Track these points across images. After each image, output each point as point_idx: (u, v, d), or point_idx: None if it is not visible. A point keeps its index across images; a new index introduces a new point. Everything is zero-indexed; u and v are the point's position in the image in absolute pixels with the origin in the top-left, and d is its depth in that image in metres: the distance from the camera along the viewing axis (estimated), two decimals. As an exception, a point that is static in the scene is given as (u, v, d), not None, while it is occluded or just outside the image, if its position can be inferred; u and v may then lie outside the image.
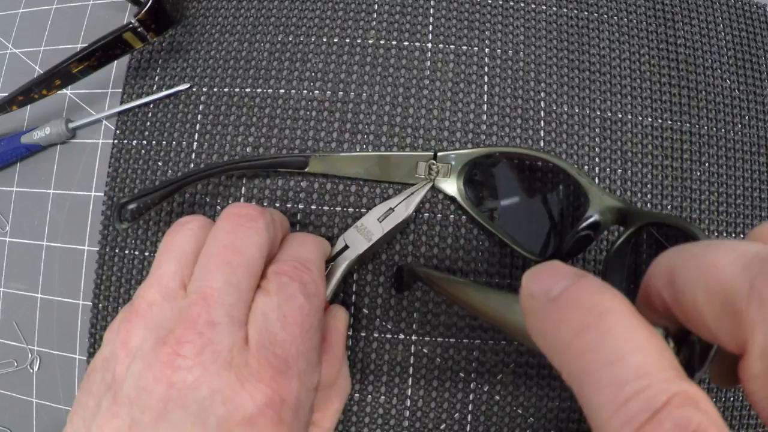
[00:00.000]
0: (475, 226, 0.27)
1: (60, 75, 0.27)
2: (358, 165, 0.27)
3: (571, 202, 0.26)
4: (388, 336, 0.26)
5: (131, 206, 0.25)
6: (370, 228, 0.25)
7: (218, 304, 0.18)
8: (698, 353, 0.13)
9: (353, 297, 0.27)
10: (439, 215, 0.27)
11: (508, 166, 0.27)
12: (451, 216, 0.27)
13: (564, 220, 0.26)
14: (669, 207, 0.28)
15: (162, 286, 0.19)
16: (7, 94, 0.28)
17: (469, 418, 0.26)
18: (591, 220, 0.23)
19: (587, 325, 0.11)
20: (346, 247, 0.25)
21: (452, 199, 0.27)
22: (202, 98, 0.29)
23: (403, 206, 0.26)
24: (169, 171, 0.28)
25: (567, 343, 0.12)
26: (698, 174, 0.29)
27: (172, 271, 0.19)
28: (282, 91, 0.29)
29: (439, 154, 0.26)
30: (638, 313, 0.12)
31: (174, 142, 0.29)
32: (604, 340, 0.11)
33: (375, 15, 0.29)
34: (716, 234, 0.28)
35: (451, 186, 0.26)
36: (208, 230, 0.21)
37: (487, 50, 0.29)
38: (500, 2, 0.30)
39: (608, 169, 0.28)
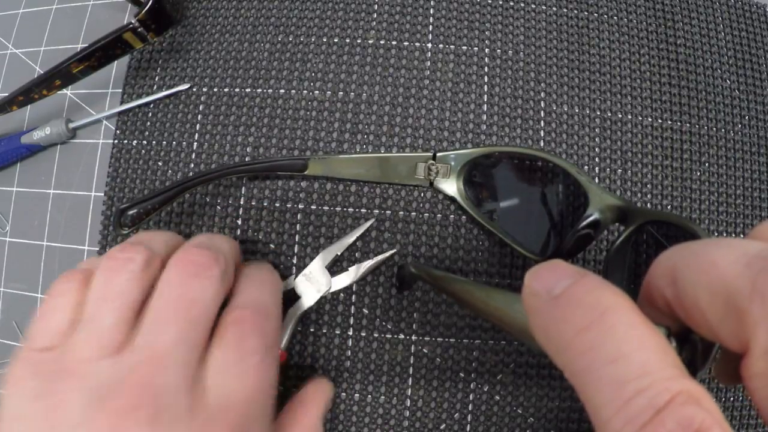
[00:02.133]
0: (475, 226, 0.27)
1: (60, 75, 0.27)
2: (357, 167, 0.27)
3: (571, 201, 0.26)
4: (388, 336, 0.26)
5: (131, 212, 0.25)
6: (318, 278, 0.26)
7: (172, 363, 0.16)
8: (700, 352, 0.13)
9: (353, 297, 0.27)
10: (439, 215, 0.27)
11: (507, 166, 0.27)
12: (451, 216, 0.27)
13: (564, 219, 0.26)
14: (669, 207, 0.28)
15: (101, 343, 0.16)
16: (7, 94, 0.28)
17: (469, 418, 0.26)
18: (591, 218, 0.23)
19: (589, 323, 0.11)
20: (297, 295, 0.26)
21: (452, 199, 0.27)
22: (202, 98, 0.29)
23: (353, 270, 0.26)
24: (170, 171, 0.28)
25: (569, 341, 0.12)
26: (698, 174, 0.29)
27: (112, 324, 0.17)
28: (282, 91, 0.29)
29: (439, 154, 0.26)
30: (640, 312, 0.12)
31: (174, 142, 0.29)
32: (607, 338, 0.11)
33: (375, 15, 0.29)
34: (716, 234, 0.28)
35: (450, 186, 0.26)
36: (151, 272, 0.18)
37: (487, 50, 0.29)
38: (500, 2, 0.30)
39: (608, 169, 0.28)
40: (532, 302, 0.13)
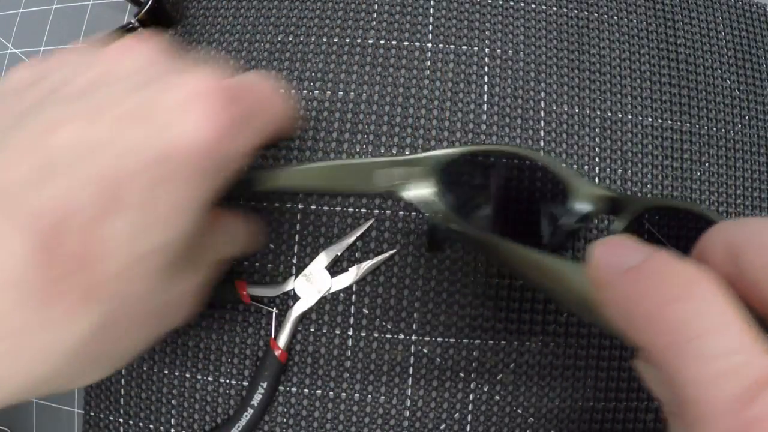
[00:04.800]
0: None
1: (60, 75, 0.27)
2: (316, 178, 0.23)
3: (557, 196, 0.25)
4: (388, 336, 0.26)
5: None
6: (318, 278, 0.26)
7: None
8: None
9: (353, 297, 0.27)
10: (439, 215, 0.27)
11: (486, 166, 0.25)
12: (451, 216, 0.27)
13: (550, 215, 0.25)
14: (669, 207, 0.28)
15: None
16: (7, 94, 0.28)
17: (469, 418, 0.26)
18: (578, 211, 0.22)
19: (676, 296, 0.11)
20: (297, 295, 0.26)
21: (424, 204, 0.24)
22: (202, 98, 0.29)
23: (354, 270, 0.26)
24: (169, 171, 0.28)
25: (653, 315, 0.11)
26: (698, 174, 0.29)
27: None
28: (282, 90, 0.29)
29: (410, 157, 0.24)
30: (724, 286, 0.11)
31: (174, 142, 0.29)
32: (697, 311, 0.11)
33: (375, 15, 0.29)
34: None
35: (423, 191, 0.24)
36: None
37: (487, 50, 0.29)
38: (500, 2, 0.30)
39: (608, 169, 0.28)
40: (604, 276, 0.13)
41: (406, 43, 0.29)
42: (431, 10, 0.30)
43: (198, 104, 0.15)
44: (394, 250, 0.27)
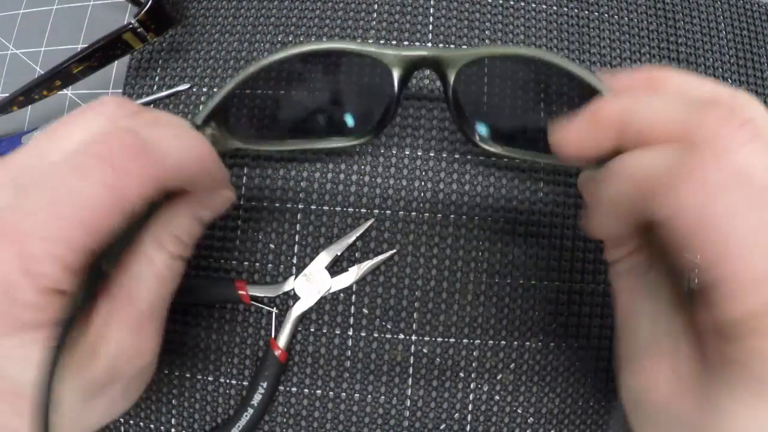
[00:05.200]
0: (475, 226, 0.27)
1: (60, 75, 0.27)
2: None
3: (370, 76, 0.24)
4: (388, 336, 0.26)
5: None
6: (318, 278, 0.26)
7: None
8: None
9: (353, 297, 0.27)
10: (440, 215, 0.27)
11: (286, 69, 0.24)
12: (452, 216, 0.27)
13: (368, 95, 0.24)
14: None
15: None
16: (7, 95, 0.28)
17: (469, 418, 0.26)
18: (393, 78, 0.22)
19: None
20: (297, 295, 0.26)
21: None
22: (202, 98, 0.29)
23: (354, 270, 0.26)
24: (170, 171, 0.28)
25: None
26: (699, 173, 0.29)
27: None
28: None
29: None
30: None
31: (174, 143, 0.29)
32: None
33: (375, 15, 0.29)
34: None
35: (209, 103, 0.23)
36: None
37: (487, 50, 0.29)
38: (500, 2, 0.30)
39: (609, 169, 0.28)
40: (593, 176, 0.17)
41: (406, 43, 0.29)
42: (431, 10, 0.30)
43: None
44: (394, 250, 0.27)
